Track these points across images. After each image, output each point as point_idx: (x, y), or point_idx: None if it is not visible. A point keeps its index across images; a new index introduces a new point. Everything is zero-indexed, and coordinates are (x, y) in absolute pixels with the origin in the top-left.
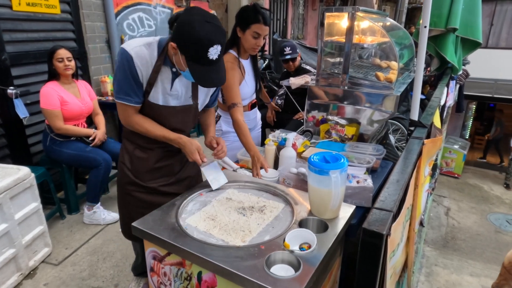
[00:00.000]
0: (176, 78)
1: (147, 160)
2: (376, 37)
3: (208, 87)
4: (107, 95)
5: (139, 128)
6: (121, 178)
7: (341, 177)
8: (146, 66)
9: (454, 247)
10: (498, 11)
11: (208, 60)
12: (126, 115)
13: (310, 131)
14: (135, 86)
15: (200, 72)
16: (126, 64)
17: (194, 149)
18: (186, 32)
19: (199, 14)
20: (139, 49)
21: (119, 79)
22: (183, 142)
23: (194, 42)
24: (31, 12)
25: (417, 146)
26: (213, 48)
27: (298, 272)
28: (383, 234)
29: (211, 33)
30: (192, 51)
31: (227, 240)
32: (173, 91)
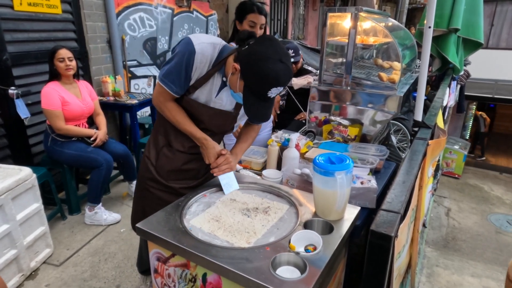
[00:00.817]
0: (224, 87)
1: (173, 160)
2: (379, 37)
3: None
4: (108, 95)
5: (168, 115)
6: (143, 172)
7: (346, 178)
8: (203, 65)
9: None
10: (498, 12)
11: (266, 97)
12: (162, 99)
13: (313, 132)
14: (183, 79)
15: (253, 105)
16: (186, 55)
17: (214, 154)
18: (256, 64)
19: (276, 52)
20: (205, 47)
21: (172, 65)
22: (207, 144)
23: (261, 78)
24: (32, 12)
25: (422, 147)
26: (275, 89)
27: (304, 274)
28: (392, 236)
29: (280, 75)
30: (255, 84)
31: (232, 241)
32: (217, 99)
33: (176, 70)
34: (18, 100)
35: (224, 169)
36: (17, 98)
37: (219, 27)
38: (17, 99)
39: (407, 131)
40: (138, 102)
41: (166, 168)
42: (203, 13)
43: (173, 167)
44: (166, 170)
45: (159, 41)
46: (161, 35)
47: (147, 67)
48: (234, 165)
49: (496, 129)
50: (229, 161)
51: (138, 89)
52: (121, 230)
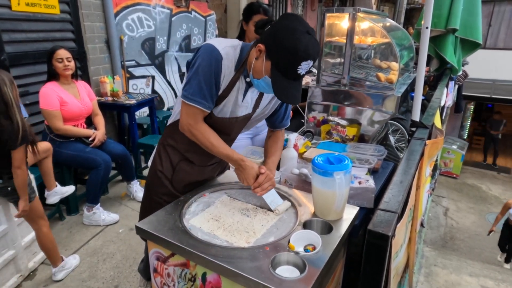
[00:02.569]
0: (249, 88)
1: (192, 174)
2: (376, 37)
3: (284, 101)
4: (107, 95)
5: (201, 139)
6: (156, 187)
7: (345, 178)
8: (229, 71)
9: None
10: (496, 12)
11: (296, 74)
12: (194, 121)
13: (311, 132)
14: (214, 90)
15: (282, 84)
16: (214, 65)
17: (254, 174)
18: (284, 37)
19: (301, 23)
20: (229, 51)
21: (200, 80)
22: (245, 165)
23: (290, 50)
24: (30, 12)
25: (419, 147)
26: (305, 62)
27: (303, 274)
28: (389, 235)
29: (309, 46)
30: (284, 59)
31: (231, 241)
32: (244, 102)
33: (206, 83)
34: None
35: (267, 187)
36: None
37: (217, 27)
38: None
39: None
40: (137, 102)
41: (184, 182)
42: (201, 13)
43: (191, 180)
44: (183, 184)
45: (158, 41)
46: (160, 35)
47: (146, 67)
48: (274, 181)
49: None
50: (270, 178)
51: (136, 89)
52: (120, 230)
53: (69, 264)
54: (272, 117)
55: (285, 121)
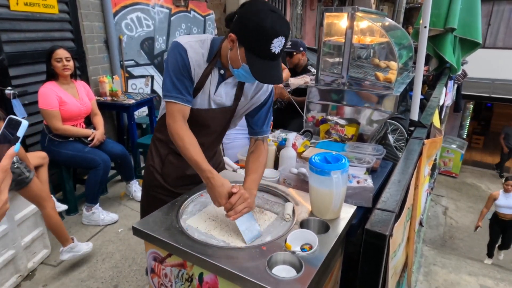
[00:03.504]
0: (222, 82)
1: (179, 167)
2: (375, 37)
3: (266, 82)
4: (106, 95)
5: (177, 140)
6: (149, 181)
7: (342, 177)
8: (198, 63)
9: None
10: (495, 11)
11: (270, 53)
12: (173, 120)
13: (310, 131)
14: (188, 83)
15: (259, 66)
16: (180, 58)
17: (225, 193)
18: (249, 20)
19: (264, 4)
20: (193, 44)
21: (171, 76)
22: (214, 181)
23: (258, 31)
24: (29, 12)
25: (418, 146)
26: (277, 39)
27: (300, 273)
28: (386, 235)
29: (276, 23)
30: (255, 41)
31: (228, 241)
32: (216, 95)
33: (177, 78)
34: (15, 100)
35: (242, 210)
36: (14, 98)
37: (216, 27)
38: (14, 99)
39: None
40: (136, 102)
41: (172, 175)
42: (200, 12)
43: (179, 173)
44: (173, 177)
45: (157, 41)
46: (159, 35)
47: (145, 67)
48: (252, 203)
49: (494, 129)
50: (246, 198)
51: (135, 89)
52: (119, 230)
53: (78, 248)
54: (253, 119)
55: (266, 127)
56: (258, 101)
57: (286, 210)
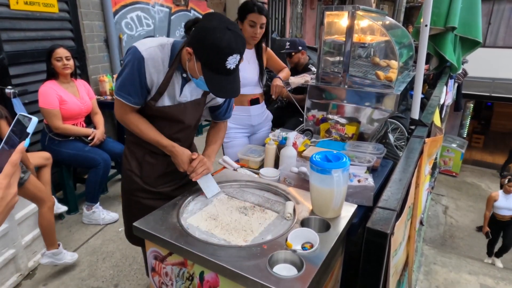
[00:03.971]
0: (186, 83)
1: (157, 166)
2: (376, 36)
3: (222, 97)
4: (106, 94)
5: (133, 128)
6: (128, 186)
7: (343, 176)
8: (157, 69)
9: (452, 246)
10: (495, 10)
11: (226, 69)
12: (123, 112)
13: (310, 130)
14: (138, 88)
15: (215, 81)
16: (136, 65)
17: (186, 159)
18: (205, 38)
19: (221, 21)
20: (153, 51)
21: (124, 77)
22: (176, 151)
23: (213, 49)
24: (29, 11)
25: (419, 145)
26: (232, 57)
27: (301, 272)
28: (387, 233)
29: (231, 42)
30: (210, 58)
31: (229, 239)
32: (182, 96)
33: (129, 81)
34: (15, 100)
35: (202, 172)
36: (14, 97)
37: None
38: (14, 98)
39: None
40: None
41: (152, 175)
42: (200, 12)
43: (159, 172)
44: (153, 177)
45: None
46: (159, 34)
47: None
48: (210, 166)
49: (494, 128)
50: (204, 162)
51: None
52: (119, 229)
53: (61, 256)
54: (216, 112)
55: (228, 113)
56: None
57: (287, 208)
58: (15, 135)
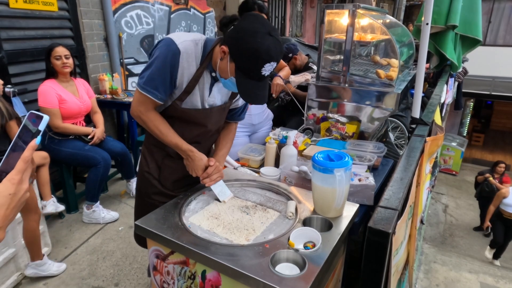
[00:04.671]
0: (215, 83)
1: (177, 170)
2: (376, 34)
3: (250, 102)
4: (106, 93)
5: (152, 127)
6: (145, 188)
7: (345, 175)
8: (189, 65)
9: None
10: (496, 9)
11: (260, 75)
12: (143, 109)
13: (311, 129)
14: (168, 83)
15: (246, 86)
16: (170, 58)
17: (202, 165)
18: (244, 40)
19: (263, 25)
20: (188, 45)
21: (154, 70)
22: (194, 156)
23: (252, 53)
24: (28, 10)
25: (420, 144)
26: (269, 64)
27: (303, 271)
28: (389, 232)
29: (271, 49)
30: (246, 62)
31: (231, 238)
32: (210, 97)
33: (159, 74)
34: (14, 98)
35: (216, 178)
36: (13, 96)
37: (216, 25)
38: (14, 97)
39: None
40: None
41: (171, 178)
42: (200, 10)
43: (178, 176)
44: (171, 181)
45: (156, 39)
46: (159, 32)
47: (145, 64)
48: (223, 173)
49: (494, 126)
50: (220, 169)
51: (135, 87)
52: (119, 228)
53: (44, 268)
54: (232, 111)
55: (243, 115)
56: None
57: (289, 208)
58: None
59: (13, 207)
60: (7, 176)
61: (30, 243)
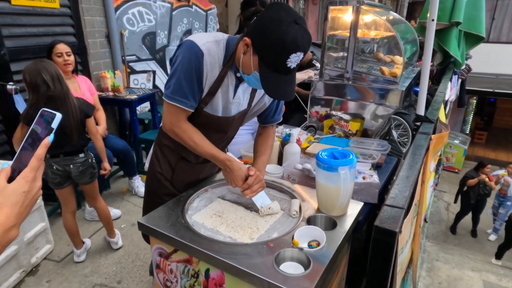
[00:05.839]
0: (240, 84)
1: (191, 173)
2: (380, 31)
3: (276, 98)
4: (107, 90)
5: (185, 138)
6: (156, 188)
7: (350, 173)
8: (213, 67)
9: (454, 242)
10: (499, 5)
11: (285, 67)
12: (176, 120)
13: (314, 127)
14: (196, 88)
15: (271, 79)
16: (194, 61)
17: (242, 176)
18: (268, 30)
19: (289, 13)
20: (210, 46)
21: (180, 77)
22: (232, 166)
23: (276, 43)
24: (30, 7)
25: (425, 142)
26: (295, 55)
27: (308, 270)
28: (396, 232)
29: (298, 37)
30: (270, 53)
31: (234, 237)
32: (235, 99)
33: (186, 81)
34: (16, 96)
35: (257, 189)
36: (15, 93)
37: (218, 22)
38: (16, 94)
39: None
40: (138, 97)
41: (184, 181)
42: (202, 7)
43: (192, 179)
44: (184, 183)
45: (158, 36)
46: (160, 29)
47: (146, 62)
48: (264, 182)
49: (496, 124)
50: (261, 179)
51: (137, 84)
52: (122, 226)
53: None
54: (264, 113)
55: (277, 115)
56: (269, 101)
57: (293, 206)
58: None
59: (26, 205)
60: (21, 174)
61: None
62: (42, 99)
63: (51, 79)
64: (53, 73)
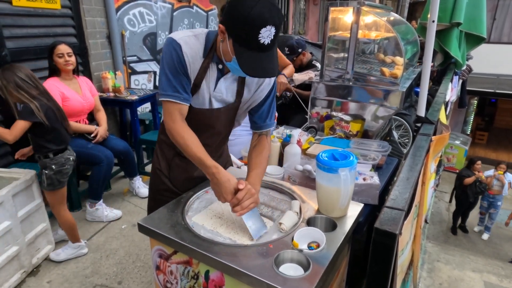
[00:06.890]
0: (222, 77)
1: (187, 169)
2: (381, 32)
3: (257, 76)
4: (108, 91)
5: (178, 139)
6: (156, 185)
7: (350, 175)
8: (194, 58)
9: (455, 243)
10: (501, 6)
11: (259, 44)
12: (170, 120)
13: (315, 128)
14: (185, 80)
15: (248, 58)
16: (175, 54)
17: (231, 188)
18: (235, 10)
19: None
20: (188, 39)
21: (167, 73)
22: (219, 176)
23: (244, 21)
24: (31, 8)
25: (425, 143)
26: (265, 29)
27: (307, 272)
28: (396, 233)
29: (264, 11)
30: (241, 31)
31: (234, 238)
32: (216, 91)
33: (173, 75)
34: None
35: (248, 206)
36: None
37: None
38: None
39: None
40: (138, 98)
41: (180, 178)
42: (203, 8)
43: (187, 176)
44: (180, 180)
45: (159, 37)
46: (161, 30)
47: (147, 62)
48: (258, 198)
49: (497, 124)
50: (253, 194)
51: (138, 84)
52: (122, 226)
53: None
54: (256, 114)
55: (269, 120)
56: (262, 95)
57: (293, 207)
58: None
59: None
60: None
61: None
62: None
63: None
64: (27, 72)
